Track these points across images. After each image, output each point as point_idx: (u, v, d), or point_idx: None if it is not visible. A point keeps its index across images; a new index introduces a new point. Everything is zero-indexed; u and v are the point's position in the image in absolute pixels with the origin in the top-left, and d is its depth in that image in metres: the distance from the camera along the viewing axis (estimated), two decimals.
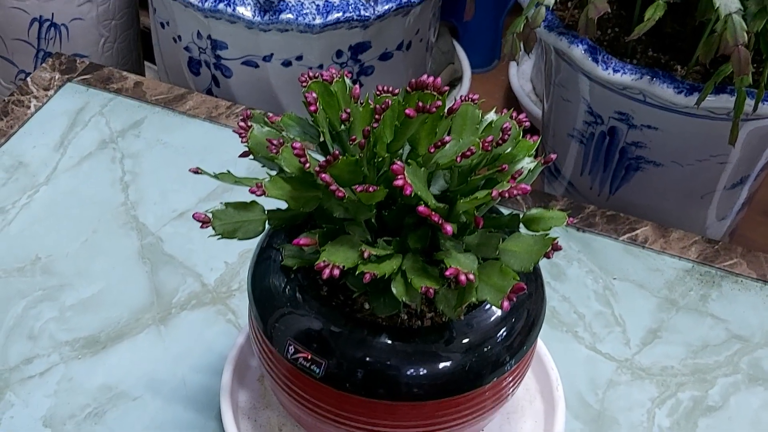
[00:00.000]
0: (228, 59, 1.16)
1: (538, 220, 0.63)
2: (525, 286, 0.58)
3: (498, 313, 0.65)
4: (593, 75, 1.02)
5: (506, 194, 0.58)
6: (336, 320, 0.63)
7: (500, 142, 0.62)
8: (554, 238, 0.60)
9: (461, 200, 0.59)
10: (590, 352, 0.85)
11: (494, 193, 0.58)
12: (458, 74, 1.65)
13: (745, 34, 0.86)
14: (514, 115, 0.66)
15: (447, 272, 0.57)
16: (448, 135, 0.63)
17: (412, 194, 0.57)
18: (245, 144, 0.65)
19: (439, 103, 0.60)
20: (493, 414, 0.69)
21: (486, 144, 0.60)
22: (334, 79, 0.64)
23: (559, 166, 1.20)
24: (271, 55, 1.14)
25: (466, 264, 0.59)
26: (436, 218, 0.57)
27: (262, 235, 0.65)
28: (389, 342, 0.62)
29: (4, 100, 1.04)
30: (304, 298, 0.64)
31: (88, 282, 0.88)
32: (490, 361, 0.64)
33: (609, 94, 1.04)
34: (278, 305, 0.65)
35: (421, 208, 0.57)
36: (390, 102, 0.61)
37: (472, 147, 0.60)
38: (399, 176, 0.57)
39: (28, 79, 1.07)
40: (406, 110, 0.58)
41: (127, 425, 0.77)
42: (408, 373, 0.62)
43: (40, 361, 0.82)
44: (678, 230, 0.95)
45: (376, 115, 0.60)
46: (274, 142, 0.61)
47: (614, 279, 0.91)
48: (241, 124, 0.65)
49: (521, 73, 1.65)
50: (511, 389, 0.68)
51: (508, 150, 0.63)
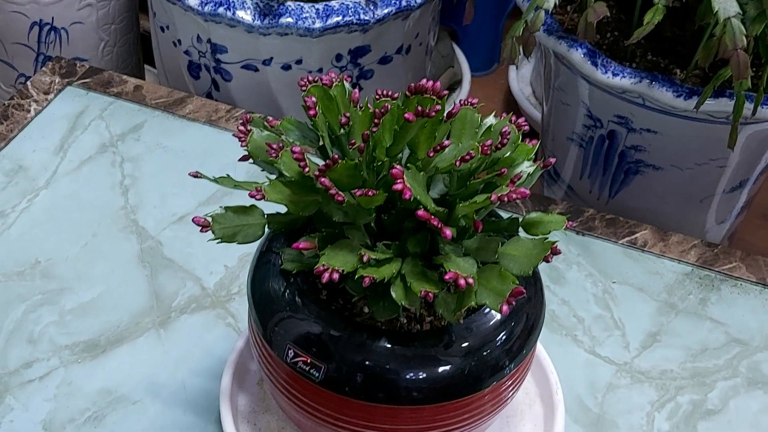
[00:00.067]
0: (228, 63, 1.16)
1: (537, 224, 0.63)
2: (524, 290, 0.58)
3: (497, 317, 0.65)
4: (592, 79, 1.02)
5: (505, 198, 0.58)
6: (335, 324, 0.63)
7: (499, 146, 0.62)
8: (553, 242, 0.60)
9: (460, 204, 0.59)
10: (589, 356, 0.85)
11: (493, 197, 0.58)
12: (458, 78, 1.65)
13: (744, 38, 0.86)
14: (514, 119, 0.66)
15: (446, 276, 0.57)
16: (448, 139, 0.63)
17: (412, 198, 0.57)
18: (245, 148, 0.65)
19: (439, 107, 0.60)
20: (492, 418, 0.69)
21: (485, 148, 0.61)
22: (334, 84, 0.64)
23: (559, 170, 1.20)
24: (271, 58, 1.14)
25: (465, 268, 0.59)
26: (435, 222, 0.57)
27: (261, 239, 0.65)
28: (388, 346, 0.62)
29: (4, 104, 1.04)
30: (304, 302, 0.64)
31: (87, 286, 0.88)
32: (490, 365, 0.64)
33: (608, 97, 1.04)
34: (278, 309, 0.65)
35: (420, 212, 0.57)
36: (389, 106, 0.61)
37: (471, 151, 0.60)
38: (398, 180, 0.57)
39: (28, 82, 1.07)
40: (406, 114, 0.58)
41: (127, 429, 0.77)
42: (407, 377, 0.62)
43: (40, 365, 0.82)
44: (677, 234, 0.95)
45: (376, 120, 0.60)
46: (274, 146, 0.61)
47: (613, 282, 0.91)
48: (241, 128, 0.65)
49: (521, 77, 1.65)
50: (511, 393, 0.68)
51: (508, 154, 0.63)
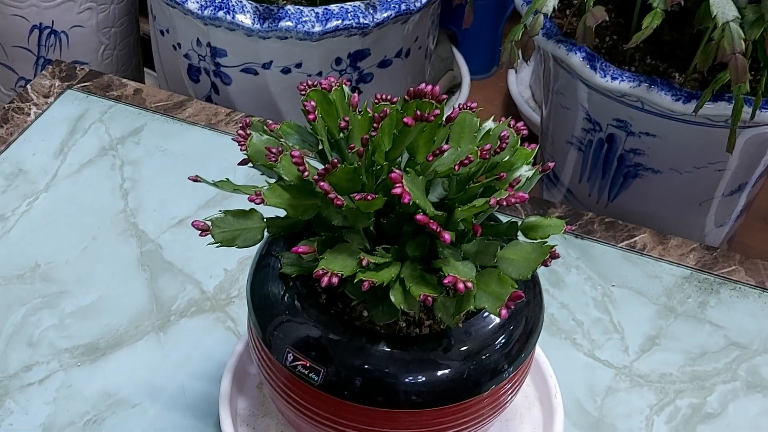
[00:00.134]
0: (227, 66, 1.17)
1: (536, 228, 0.63)
2: (523, 294, 0.58)
3: (496, 320, 0.65)
4: (591, 82, 1.02)
5: (504, 202, 0.58)
6: (335, 328, 0.63)
7: (498, 150, 0.62)
8: (552, 246, 0.60)
9: (459, 208, 0.59)
10: (589, 359, 0.85)
11: (492, 201, 0.58)
12: (457, 81, 1.65)
13: (743, 42, 0.86)
14: (512, 123, 0.66)
15: (445, 280, 0.57)
16: (447, 143, 0.63)
17: (411, 202, 0.57)
18: (244, 152, 0.65)
19: (438, 111, 0.60)
20: (491, 421, 0.69)
21: (484, 152, 0.61)
22: (333, 88, 0.64)
23: (558, 173, 1.20)
24: (271, 62, 1.14)
25: (464, 272, 0.59)
26: (434, 226, 0.57)
27: (261, 242, 0.65)
28: (388, 350, 0.63)
29: (4, 108, 1.04)
30: (303, 306, 0.64)
31: (87, 289, 0.88)
32: (489, 369, 0.64)
33: (607, 101, 1.05)
34: (277, 313, 0.65)
35: (419, 216, 0.57)
36: (388, 110, 0.61)
37: (470, 155, 0.60)
38: (397, 184, 0.57)
39: (28, 86, 1.07)
40: (405, 119, 0.58)
41: None
42: (406, 381, 0.62)
43: (40, 368, 0.82)
44: (676, 237, 0.95)
45: (375, 124, 0.60)
46: (273, 150, 0.61)
47: (613, 286, 0.91)
48: (240, 132, 0.65)
49: (520, 80, 1.65)
50: (510, 397, 0.68)
51: (506, 158, 0.63)
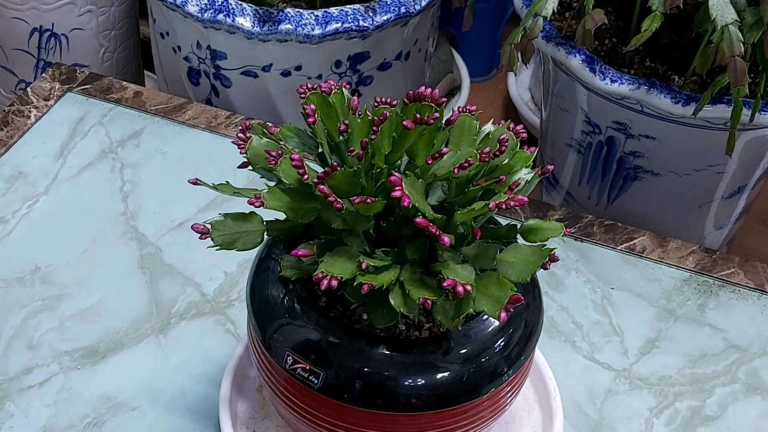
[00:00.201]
0: (227, 69, 1.17)
1: (536, 230, 0.63)
2: (522, 297, 0.58)
3: (495, 323, 0.65)
4: (591, 85, 1.03)
5: (503, 205, 0.58)
6: (334, 331, 0.63)
7: (497, 153, 0.62)
8: (551, 249, 0.60)
9: (459, 211, 0.59)
10: (588, 362, 0.85)
11: (491, 204, 0.58)
12: (457, 83, 1.65)
13: (742, 45, 0.86)
14: (512, 126, 0.66)
15: (444, 283, 0.57)
16: (446, 146, 0.63)
17: (410, 205, 0.57)
18: (244, 155, 0.65)
19: (437, 114, 0.60)
20: (491, 424, 0.69)
21: (483, 155, 0.61)
22: (333, 91, 0.64)
23: (558, 176, 1.20)
24: (270, 65, 1.15)
25: (463, 275, 0.59)
26: (433, 229, 0.57)
27: (260, 245, 0.65)
28: (387, 353, 0.63)
29: (5, 110, 1.04)
30: (303, 309, 0.64)
31: (87, 292, 0.88)
32: (488, 372, 0.64)
33: (607, 104, 1.05)
34: (277, 316, 0.65)
35: (418, 219, 0.57)
36: (388, 113, 0.61)
37: (469, 158, 0.60)
38: (397, 187, 0.57)
39: (28, 89, 1.07)
40: (404, 122, 0.59)
41: None
42: (406, 384, 0.62)
43: (40, 371, 0.82)
44: (676, 240, 0.95)
45: (374, 127, 0.61)
46: (273, 153, 0.61)
47: (612, 288, 0.91)
48: (240, 135, 0.65)
49: (520, 82, 1.65)
50: (509, 399, 0.68)
51: (506, 161, 0.63)
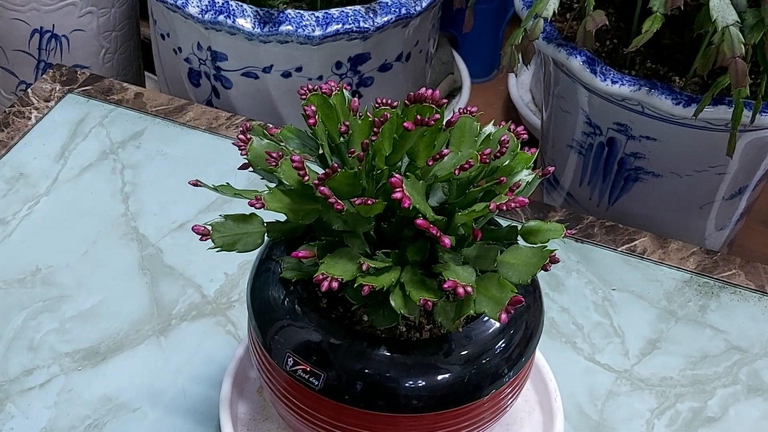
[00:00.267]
0: (228, 70, 1.17)
1: (536, 232, 0.63)
2: (523, 299, 0.58)
3: (496, 325, 0.65)
4: (592, 86, 1.02)
5: (504, 207, 0.58)
6: (335, 332, 0.63)
7: (498, 154, 0.62)
8: (552, 251, 0.60)
9: (459, 213, 0.59)
10: (589, 363, 0.85)
11: (492, 205, 0.58)
12: (458, 84, 1.65)
13: (743, 46, 0.86)
14: (513, 127, 0.66)
15: (445, 285, 0.57)
16: (447, 147, 0.63)
17: (411, 207, 0.57)
18: (245, 156, 0.65)
19: (438, 116, 0.60)
20: (492, 425, 0.69)
21: (484, 156, 0.61)
22: (333, 92, 0.64)
23: (558, 177, 1.20)
24: (271, 66, 1.15)
25: (464, 276, 0.59)
26: (434, 231, 0.57)
27: (261, 247, 0.65)
28: (388, 354, 0.63)
29: (5, 111, 1.04)
30: (303, 311, 0.64)
31: (88, 293, 0.88)
32: (489, 373, 0.64)
33: (608, 105, 1.05)
34: (277, 317, 0.65)
35: (419, 220, 0.57)
36: (388, 115, 0.61)
37: (470, 159, 0.60)
38: (397, 189, 0.57)
39: (29, 90, 1.07)
40: (405, 123, 0.59)
41: None
42: (407, 386, 0.62)
43: (40, 372, 0.82)
44: (677, 241, 0.95)
45: (375, 128, 0.61)
46: (273, 154, 0.61)
47: (613, 290, 0.91)
48: (241, 136, 0.65)
49: (520, 84, 1.65)
50: (510, 401, 0.68)
51: (507, 162, 0.63)
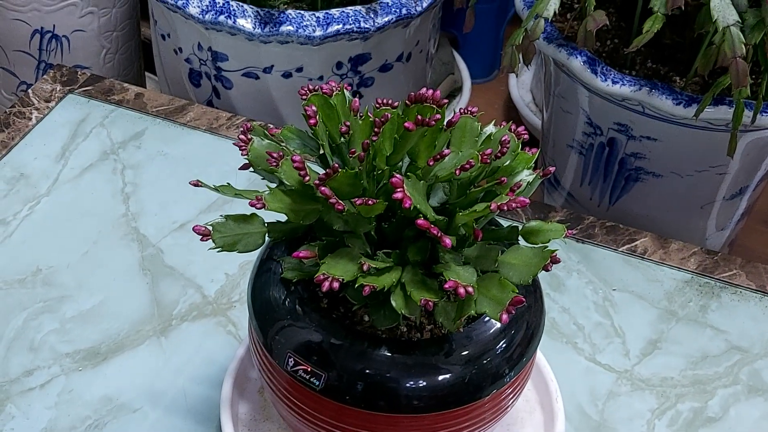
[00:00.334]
0: (228, 71, 1.17)
1: (537, 232, 0.63)
2: (524, 299, 0.58)
3: (497, 325, 0.65)
4: (592, 86, 1.02)
5: (505, 207, 0.58)
6: (336, 333, 0.63)
7: (499, 154, 0.62)
8: (553, 251, 0.60)
9: (460, 213, 0.59)
10: (590, 363, 0.85)
11: (493, 206, 0.58)
12: (458, 84, 1.65)
13: (743, 47, 0.86)
14: (513, 127, 0.66)
15: (446, 285, 0.57)
16: (448, 148, 0.63)
17: (412, 207, 0.57)
18: (245, 157, 0.65)
19: (438, 116, 0.60)
20: (492, 426, 0.69)
21: (485, 157, 0.61)
22: (334, 92, 0.64)
23: (559, 177, 1.20)
24: (272, 66, 1.15)
25: (465, 277, 0.59)
26: (435, 231, 0.57)
27: (262, 247, 0.65)
28: (389, 354, 0.63)
29: (6, 112, 1.05)
30: (304, 311, 0.64)
31: (88, 294, 0.88)
32: (490, 373, 0.64)
33: (608, 105, 1.05)
34: (278, 317, 0.65)
35: (420, 221, 0.57)
36: (389, 115, 0.61)
37: (471, 160, 0.60)
38: (398, 189, 0.57)
39: (30, 90, 1.07)
40: (406, 123, 0.59)
41: None
42: (408, 386, 0.62)
43: (41, 372, 0.82)
44: (677, 241, 0.95)
45: (376, 128, 0.61)
46: (274, 155, 0.61)
47: (614, 290, 0.91)
48: (242, 137, 0.65)
49: (521, 84, 1.65)
50: (511, 401, 0.68)
51: (507, 163, 0.63)
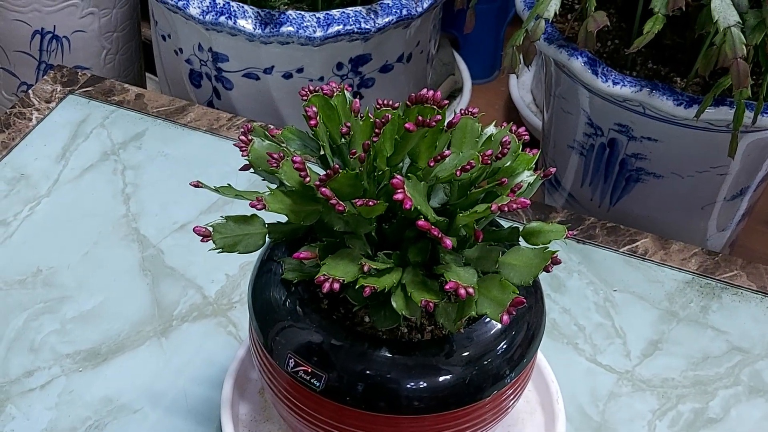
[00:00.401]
0: (229, 72, 1.17)
1: (538, 233, 0.63)
2: (524, 300, 0.58)
3: (498, 326, 0.65)
4: (593, 87, 1.02)
5: (506, 208, 0.58)
6: (336, 333, 0.63)
7: (500, 155, 0.62)
8: (554, 252, 0.60)
9: (461, 214, 0.59)
10: (591, 364, 0.85)
11: (494, 206, 0.58)
12: (459, 85, 1.65)
13: (744, 47, 0.86)
14: (514, 128, 0.66)
15: (447, 286, 0.57)
16: (448, 148, 0.63)
17: (412, 208, 0.57)
18: (246, 157, 0.65)
19: (439, 117, 0.60)
20: (493, 427, 0.69)
21: (485, 157, 0.61)
22: (335, 93, 0.64)
23: (560, 178, 1.20)
24: (272, 67, 1.14)
25: (465, 278, 0.59)
26: (435, 232, 0.57)
27: (262, 248, 0.65)
28: (389, 355, 0.62)
29: (6, 112, 1.04)
30: (305, 312, 0.64)
31: (89, 294, 0.88)
32: (491, 374, 0.64)
33: (609, 106, 1.05)
34: (279, 318, 0.65)
35: (420, 222, 0.57)
36: (390, 116, 0.61)
37: (471, 161, 0.60)
38: (399, 190, 0.57)
39: (30, 91, 1.07)
40: (406, 124, 0.58)
41: None
42: (408, 387, 0.62)
43: (41, 373, 0.82)
44: (678, 242, 0.95)
45: (376, 129, 0.60)
46: (275, 155, 0.61)
47: (614, 291, 0.91)
48: (242, 137, 0.65)
49: (521, 84, 1.65)
50: (512, 402, 0.68)
51: (508, 163, 0.63)
